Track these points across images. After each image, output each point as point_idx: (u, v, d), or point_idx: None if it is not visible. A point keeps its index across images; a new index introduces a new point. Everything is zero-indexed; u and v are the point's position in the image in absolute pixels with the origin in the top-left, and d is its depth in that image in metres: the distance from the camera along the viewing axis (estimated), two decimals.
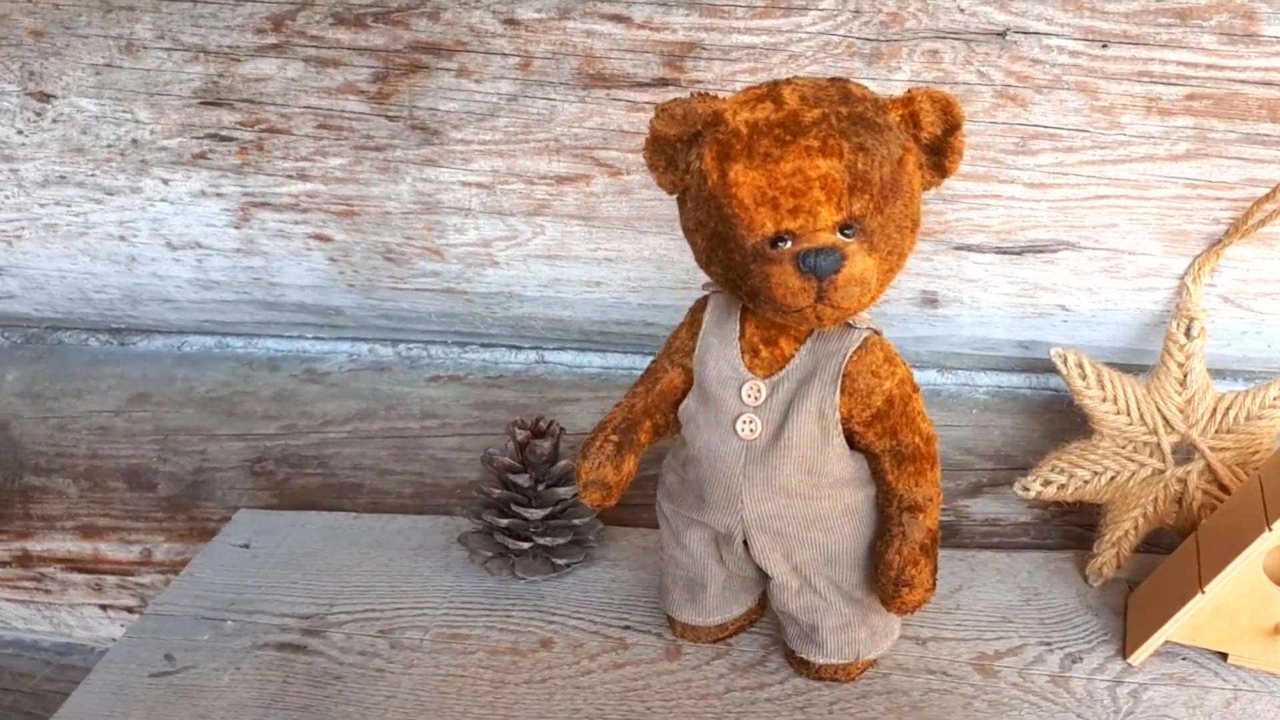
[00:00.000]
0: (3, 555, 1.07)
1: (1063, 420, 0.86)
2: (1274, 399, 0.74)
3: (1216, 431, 0.75)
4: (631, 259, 0.84)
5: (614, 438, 0.68)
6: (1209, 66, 0.70)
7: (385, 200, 0.85)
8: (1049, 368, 0.80)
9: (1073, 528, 0.86)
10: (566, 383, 0.98)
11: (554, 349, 0.98)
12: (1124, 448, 0.77)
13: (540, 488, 0.78)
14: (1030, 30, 0.72)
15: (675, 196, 0.63)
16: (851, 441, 0.66)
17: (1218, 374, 0.84)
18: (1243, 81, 0.70)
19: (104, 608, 1.07)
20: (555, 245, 0.84)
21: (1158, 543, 0.79)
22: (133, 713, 0.71)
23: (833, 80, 0.61)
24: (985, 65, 0.73)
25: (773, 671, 0.72)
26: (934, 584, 0.66)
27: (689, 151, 0.61)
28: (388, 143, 0.83)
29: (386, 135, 0.83)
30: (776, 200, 0.58)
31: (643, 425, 0.69)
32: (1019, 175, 0.75)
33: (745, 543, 0.67)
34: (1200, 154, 0.72)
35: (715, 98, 0.60)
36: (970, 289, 0.79)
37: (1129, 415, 0.76)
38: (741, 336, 0.66)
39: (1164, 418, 0.76)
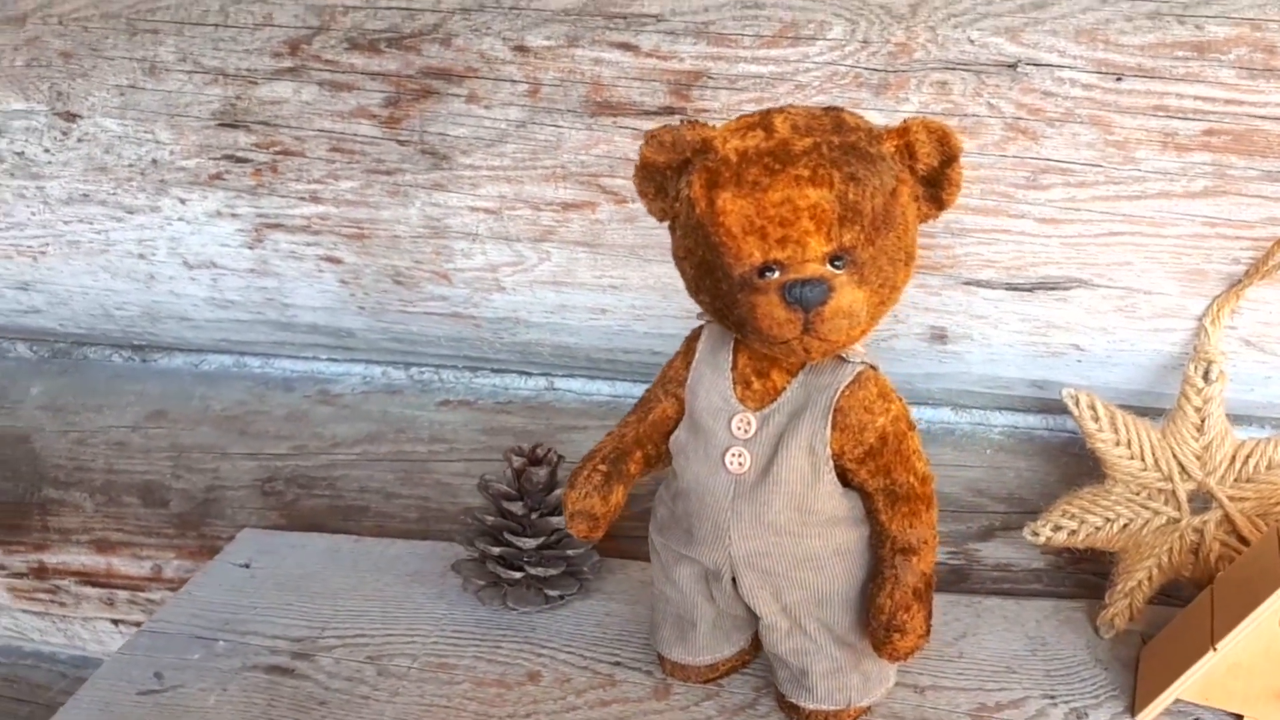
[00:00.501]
0: (20, 567, 1.08)
1: (1079, 464, 0.83)
2: None
3: (1235, 480, 0.72)
4: (636, 287, 0.83)
5: (602, 468, 0.67)
6: (1228, 101, 0.68)
7: (395, 224, 0.85)
8: (1066, 409, 0.78)
9: (1087, 576, 0.83)
10: (575, 410, 0.97)
11: (563, 376, 0.97)
12: (1138, 494, 0.74)
13: (534, 516, 0.77)
14: (1042, 62, 0.71)
15: (667, 224, 0.62)
16: (845, 479, 0.64)
17: (1242, 420, 0.81)
18: (1263, 117, 0.68)
19: (115, 622, 1.08)
20: (561, 272, 0.84)
21: (1175, 595, 0.76)
22: None
23: (827, 110, 0.59)
24: (995, 97, 0.71)
25: (763, 715, 0.70)
26: (928, 630, 0.63)
27: (679, 179, 0.60)
28: (398, 167, 0.84)
29: (397, 159, 0.83)
30: (765, 230, 0.56)
31: (633, 456, 0.68)
32: (1030, 210, 0.73)
33: (734, 580, 0.66)
34: (1219, 191, 0.70)
35: (705, 125, 0.59)
36: (980, 325, 0.77)
37: (1143, 460, 0.73)
38: (734, 367, 0.65)
39: (1180, 464, 0.73)
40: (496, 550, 0.76)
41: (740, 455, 0.63)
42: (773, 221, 0.56)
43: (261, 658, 0.77)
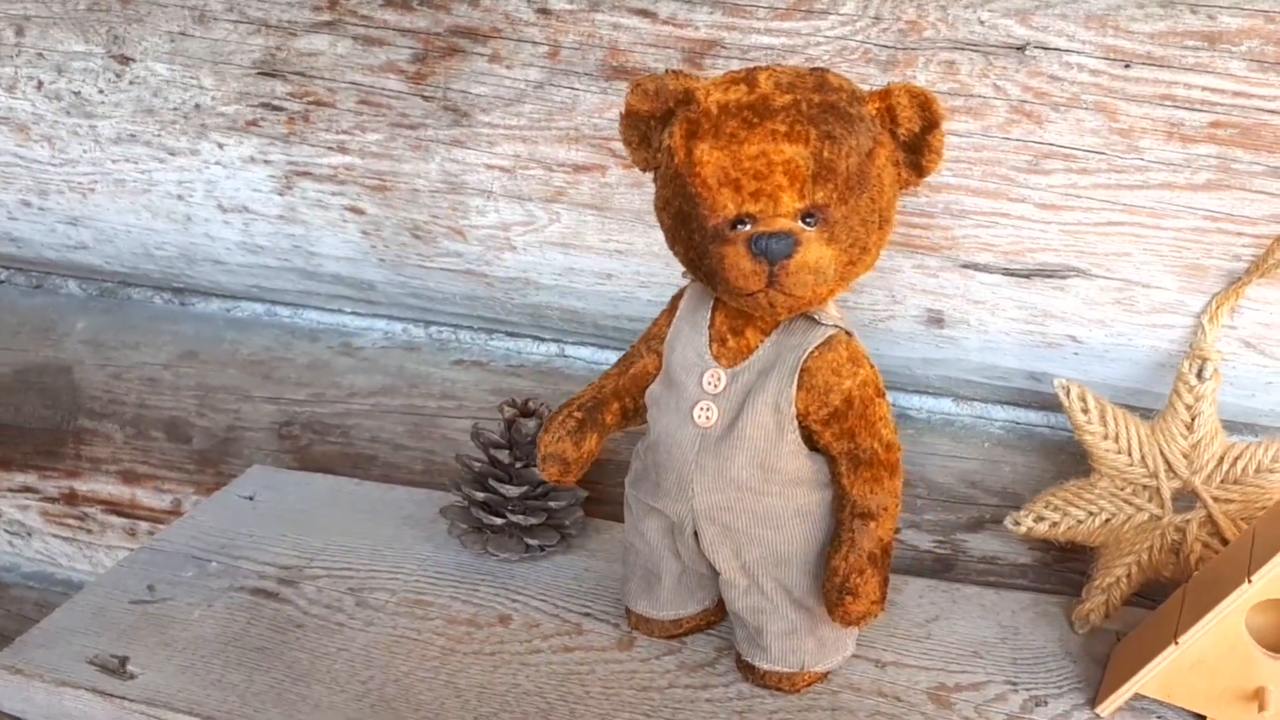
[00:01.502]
0: (52, 492, 1.13)
1: (1076, 463, 0.82)
2: None
3: (1222, 481, 0.71)
4: (641, 253, 0.84)
5: (577, 414, 0.68)
6: (1236, 94, 0.67)
7: (415, 178, 0.88)
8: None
9: (1074, 575, 0.82)
10: (584, 377, 0.98)
11: (574, 344, 0.99)
12: (1122, 489, 0.73)
13: (520, 466, 0.79)
14: (1051, 46, 0.70)
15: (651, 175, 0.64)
16: (812, 442, 0.64)
17: (1245, 428, 0.79)
18: (1271, 111, 0.67)
19: None
20: (570, 234, 0.85)
21: (1155, 596, 0.75)
22: (105, 633, 0.74)
23: (813, 70, 0.60)
24: (1002, 79, 0.71)
25: (721, 674, 0.71)
26: (882, 597, 0.63)
27: (662, 129, 0.61)
28: (421, 122, 0.86)
29: (421, 114, 0.86)
30: (739, 182, 0.57)
31: (610, 407, 0.69)
32: (1030, 194, 0.72)
33: (696, 534, 0.66)
34: (1222, 185, 0.69)
35: (689, 76, 0.60)
36: (977, 310, 0.77)
37: (1130, 455, 0.72)
38: (711, 325, 0.66)
39: (1167, 461, 0.72)
40: (481, 496, 0.78)
41: (708, 409, 0.64)
42: (747, 174, 0.57)
43: (249, 580, 0.80)
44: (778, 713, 0.67)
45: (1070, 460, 0.84)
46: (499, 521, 0.78)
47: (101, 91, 0.95)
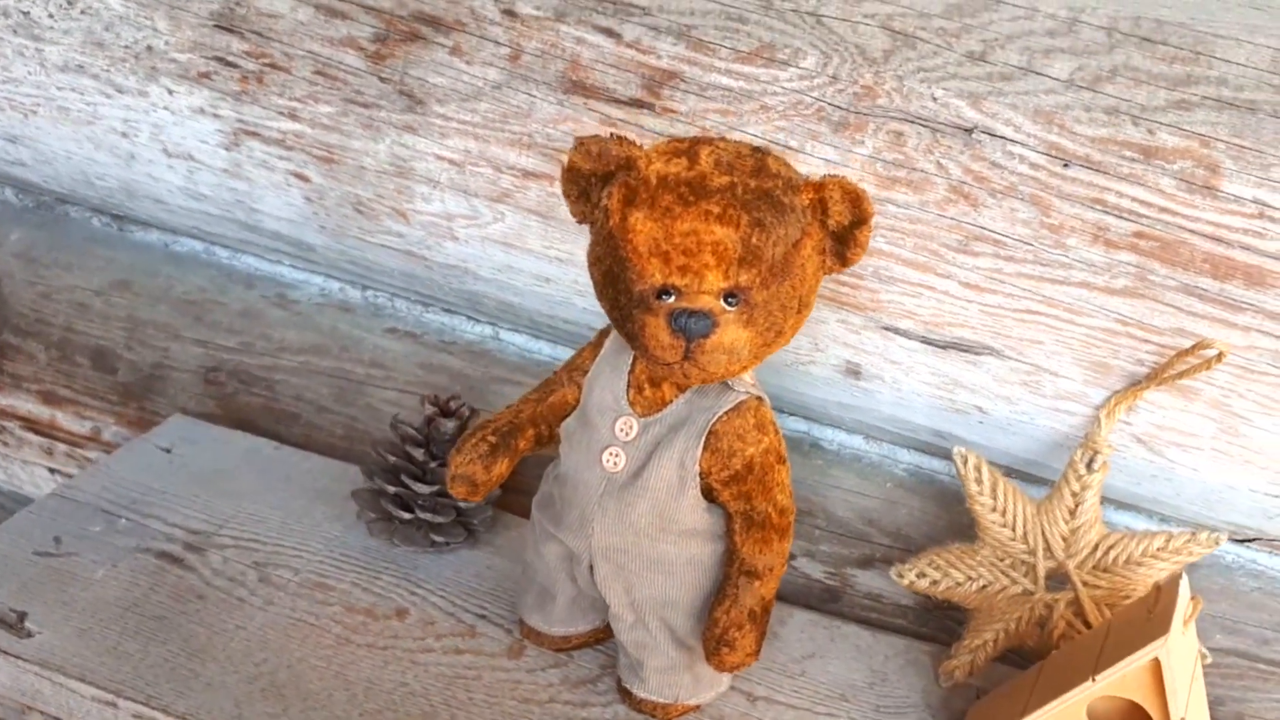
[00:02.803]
0: None
1: (969, 516, 0.86)
2: (1157, 549, 0.74)
3: (1094, 568, 0.75)
4: (580, 264, 0.84)
5: (491, 438, 0.70)
6: (1163, 210, 0.69)
7: (363, 155, 0.88)
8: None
9: (950, 623, 0.86)
10: (514, 363, 1.00)
11: (509, 329, 1.00)
12: (1002, 560, 0.77)
13: (434, 465, 0.81)
14: (997, 134, 0.72)
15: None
16: (710, 495, 0.67)
17: (1127, 508, 0.83)
18: (1192, 232, 0.69)
19: (52, 471, 1.13)
20: (512, 234, 0.86)
21: (1019, 656, 0.79)
22: (6, 584, 0.76)
23: (755, 150, 0.61)
24: (946, 158, 0.73)
25: (601, 693, 0.74)
26: (757, 650, 0.67)
27: (602, 188, 0.62)
28: (375, 102, 0.86)
29: (375, 95, 0.85)
30: (669, 255, 0.59)
31: (525, 433, 0.71)
32: (956, 273, 0.74)
33: (591, 568, 0.69)
34: (1137, 293, 0.71)
35: (632, 143, 0.61)
36: (893, 369, 0.80)
37: (1014, 531, 0.76)
38: (632, 371, 0.67)
39: (1046, 542, 0.75)
40: (392, 490, 0.80)
41: (617, 455, 0.66)
42: (677, 249, 0.59)
43: (156, 542, 0.81)
44: None
45: (965, 514, 0.87)
46: (407, 516, 0.80)
47: (51, 16, 0.93)
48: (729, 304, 0.60)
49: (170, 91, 0.92)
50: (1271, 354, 0.70)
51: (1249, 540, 0.81)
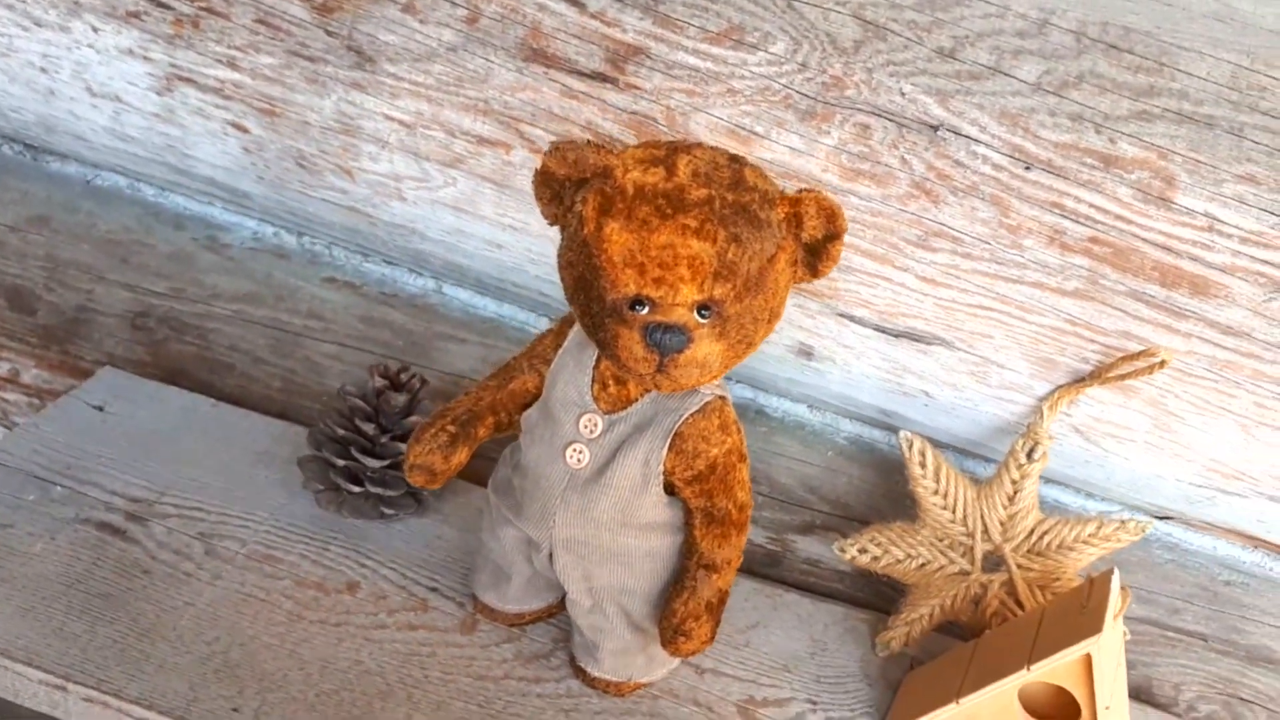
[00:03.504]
0: None
1: (909, 492, 0.89)
2: (1088, 535, 0.78)
3: (1029, 551, 0.79)
4: (535, 233, 0.84)
5: (450, 428, 0.69)
6: (1118, 217, 0.71)
7: (307, 110, 0.84)
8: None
9: (886, 589, 0.90)
10: (458, 320, 0.98)
11: (452, 284, 0.98)
12: (941, 540, 0.80)
13: (385, 439, 0.80)
14: (962, 133, 0.72)
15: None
16: (671, 490, 0.68)
17: (1059, 485, 0.87)
18: (1145, 240, 0.71)
19: None
20: (464, 200, 0.84)
21: (954, 628, 0.83)
22: None
23: (732, 160, 0.61)
24: (910, 154, 0.73)
25: (554, 668, 0.76)
26: (712, 637, 0.69)
27: (575, 192, 0.61)
28: (321, 56, 0.82)
29: (322, 49, 0.81)
30: (644, 266, 0.58)
31: (484, 421, 0.71)
32: (914, 266, 0.75)
33: (551, 555, 0.70)
34: (1087, 295, 0.73)
35: (610, 151, 0.60)
36: (845, 354, 0.81)
37: (954, 514, 0.79)
38: (596, 366, 0.67)
39: (985, 526, 0.79)
40: (341, 463, 0.79)
41: (581, 452, 0.67)
42: (652, 261, 0.58)
43: (96, 512, 0.79)
44: (602, 713, 0.73)
45: (903, 483, 0.90)
46: (356, 489, 0.80)
47: None
48: (702, 316, 0.60)
49: (95, 29, 0.86)
50: (1209, 360, 0.73)
51: (1168, 517, 0.86)
